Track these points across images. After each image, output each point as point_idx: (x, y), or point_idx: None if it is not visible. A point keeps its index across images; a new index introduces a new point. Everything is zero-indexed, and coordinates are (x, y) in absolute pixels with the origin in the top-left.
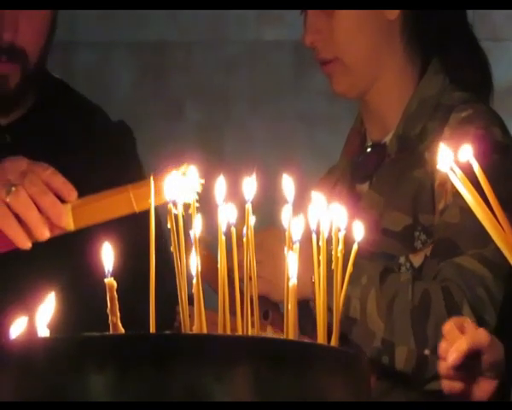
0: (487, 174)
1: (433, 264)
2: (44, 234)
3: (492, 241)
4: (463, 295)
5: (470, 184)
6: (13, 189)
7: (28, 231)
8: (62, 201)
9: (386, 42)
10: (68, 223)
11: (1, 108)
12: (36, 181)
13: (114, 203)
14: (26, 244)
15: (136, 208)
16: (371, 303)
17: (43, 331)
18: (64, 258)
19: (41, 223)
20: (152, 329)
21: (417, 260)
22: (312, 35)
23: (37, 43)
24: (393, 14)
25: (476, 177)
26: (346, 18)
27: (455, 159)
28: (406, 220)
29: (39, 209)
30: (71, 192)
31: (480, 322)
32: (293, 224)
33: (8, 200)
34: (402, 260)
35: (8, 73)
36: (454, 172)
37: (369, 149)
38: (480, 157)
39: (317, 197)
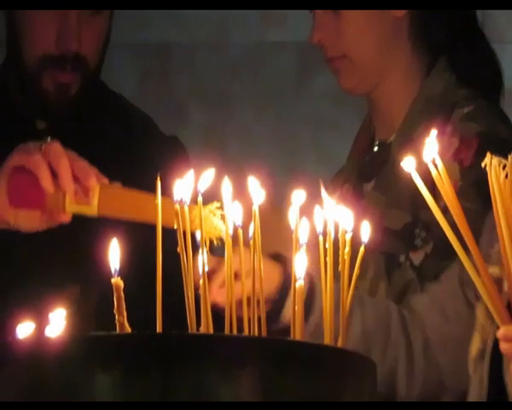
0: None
1: (434, 262)
2: (71, 187)
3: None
4: None
5: (445, 185)
6: (48, 139)
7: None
8: None
9: (393, 39)
10: (93, 204)
11: (55, 114)
12: (70, 154)
13: (141, 205)
14: (50, 188)
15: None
16: None
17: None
18: (76, 265)
19: (70, 177)
20: (158, 329)
21: (417, 257)
22: (320, 33)
23: (97, 50)
24: (401, 10)
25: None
26: (354, 15)
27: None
28: (406, 218)
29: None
30: (103, 181)
31: None
32: (300, 226)
33: (43, 148)
34: (402, 258)
35: (71, 82)
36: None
37: (376, 148)
38: (483, 155)
39: (326, 198)
